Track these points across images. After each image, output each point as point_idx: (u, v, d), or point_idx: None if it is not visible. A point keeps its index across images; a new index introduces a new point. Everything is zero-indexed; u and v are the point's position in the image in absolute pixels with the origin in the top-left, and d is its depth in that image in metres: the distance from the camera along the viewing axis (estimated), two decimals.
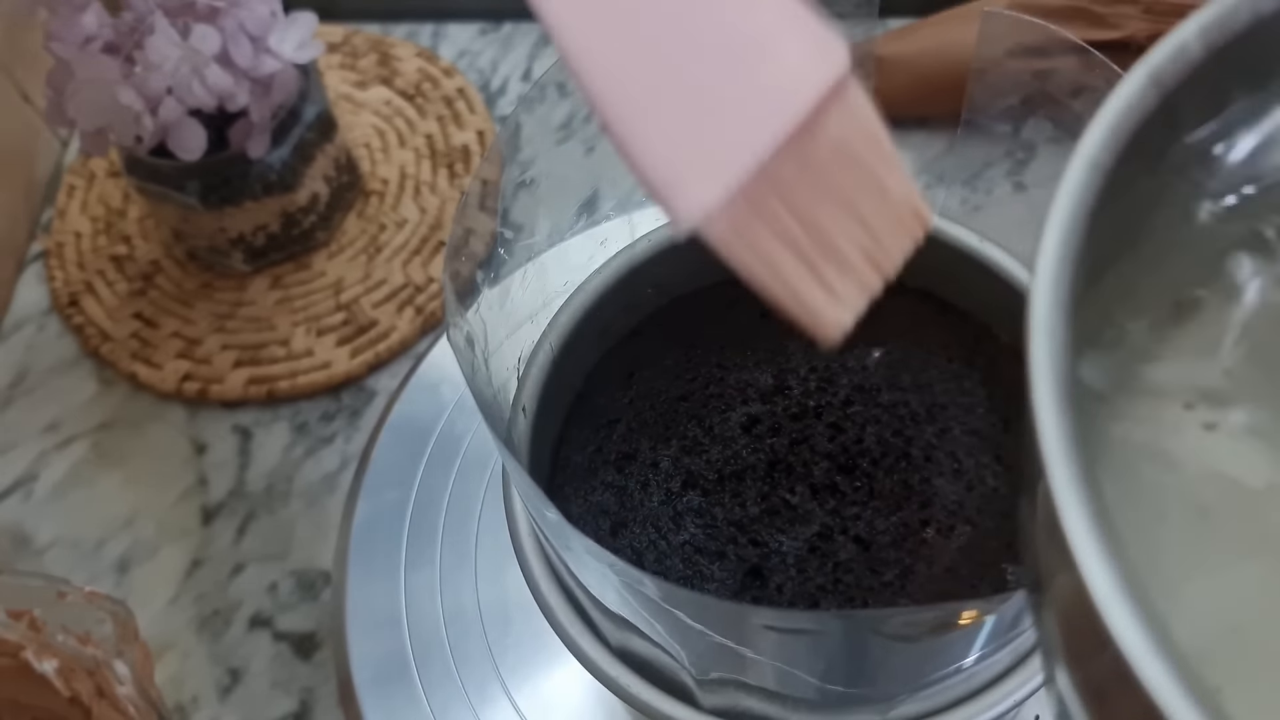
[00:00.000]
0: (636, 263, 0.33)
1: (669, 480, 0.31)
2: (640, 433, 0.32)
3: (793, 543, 0.30)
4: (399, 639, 0.39)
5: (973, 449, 0.31)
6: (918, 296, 0.34)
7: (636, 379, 0.33)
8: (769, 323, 0.34)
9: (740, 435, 0.32)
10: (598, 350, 0.34)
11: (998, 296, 0.33)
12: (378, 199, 0.55)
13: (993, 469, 0.31)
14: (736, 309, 0.35)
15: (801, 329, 0.21)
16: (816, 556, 0.30)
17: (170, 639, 0.44)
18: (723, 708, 0.27)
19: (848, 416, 0.32)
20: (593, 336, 0.33)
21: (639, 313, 0.34)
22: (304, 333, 0.51)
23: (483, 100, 0.59)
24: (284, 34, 0.46)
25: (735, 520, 0.30)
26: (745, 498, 0.31)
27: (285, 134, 0.49)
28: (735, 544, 0.30)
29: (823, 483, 0.31)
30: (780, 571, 0.29)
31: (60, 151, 0.59)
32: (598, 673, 0.28)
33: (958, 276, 0.33)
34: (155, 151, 0.46)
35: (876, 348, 0.33)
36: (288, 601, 0.45)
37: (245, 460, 0.49)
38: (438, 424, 0.43)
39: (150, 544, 0.47)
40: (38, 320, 0.53)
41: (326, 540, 0.46)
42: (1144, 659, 0.12)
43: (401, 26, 0.62)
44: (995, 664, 0.28)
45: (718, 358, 0.34)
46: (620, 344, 0.34)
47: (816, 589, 0.29)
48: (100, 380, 0.51)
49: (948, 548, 0.29)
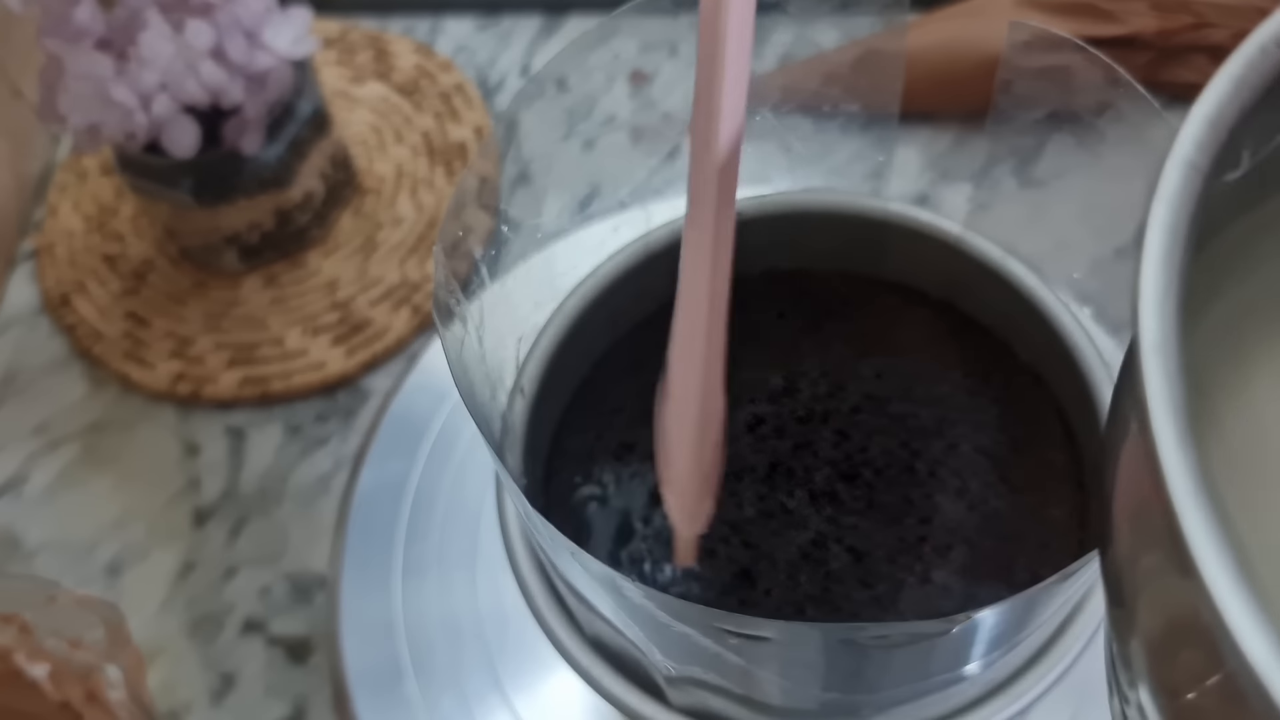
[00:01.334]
0: (652, 251, 0.32)
1: None
2: (643, 424, 0.32)
3: (786, 547, 0.29)
4: (394, 643, 0.39)
5: (979, 469, 0.31)
6: (938, 309, 0.34)
7: (643, 369, 0.33)
8: (784, 323, 0.34)
9: (744, 434, 0.31)
10: (608, 338, 0.33)
11: (1019, 314, 0.32)
12: (374, 196, 0.54)
13: (997, 490, 0.30)
14: (750, 307, 0.34)
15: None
16: (809, 564, 0.29)
17: (162, 643, 0.44)
18: (691, 707, 0.27)
19: (855, 424, 0.31)
20: (602, 323, 0.33)
21: (651, 302, 0.34)
22: (298, 332, 0.50)
23: (480, 95, 0.58)
24: (279, 29, 0.45)
25: (730, 519, 0.30)
26: (742, 498, 0.30)
27: (280, 130, 0.48)
28: (727, 543, 0.29)
29: (822, 489, 0.30)
30: (769, 575, 0.29)
31: (52, 148, 0.59)
32: (573, 662, 0.28)
33: (979, 290, 0.33)
34: (148, 148, 0.45)
35: (892, 357, 0.33)
36: (281, 605, 0.44)
37: (238, 462, 0.48)
38: (434, 425, 0.43)
39: (141, 547, 0.46)
40: (28, 319, 0.53)
41: (320, 543, 0.46)
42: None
43: (398, 21, 0.62)
44: (977, 682, 0.27)
45: (729, 352, 0.33)
46: (630, 333, 0.34)
47: (805, 597, 0.28)
48: (91, 380, 0.51)
49: (943, 566, 0.29)
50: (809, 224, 0.33)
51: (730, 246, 0.24)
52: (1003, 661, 0.27)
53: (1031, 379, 0.32)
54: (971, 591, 0.29)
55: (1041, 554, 0.30)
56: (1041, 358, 0.32)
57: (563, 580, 0.27)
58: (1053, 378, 0.32)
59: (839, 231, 0.33)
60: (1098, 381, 0.30)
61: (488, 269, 0.29)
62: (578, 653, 0.28)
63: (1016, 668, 0.28)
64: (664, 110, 0.34)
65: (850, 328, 0.34)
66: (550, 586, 0.29)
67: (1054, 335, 0.31)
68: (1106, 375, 0.30)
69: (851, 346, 0.33)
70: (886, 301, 0.34)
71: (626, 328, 0.34)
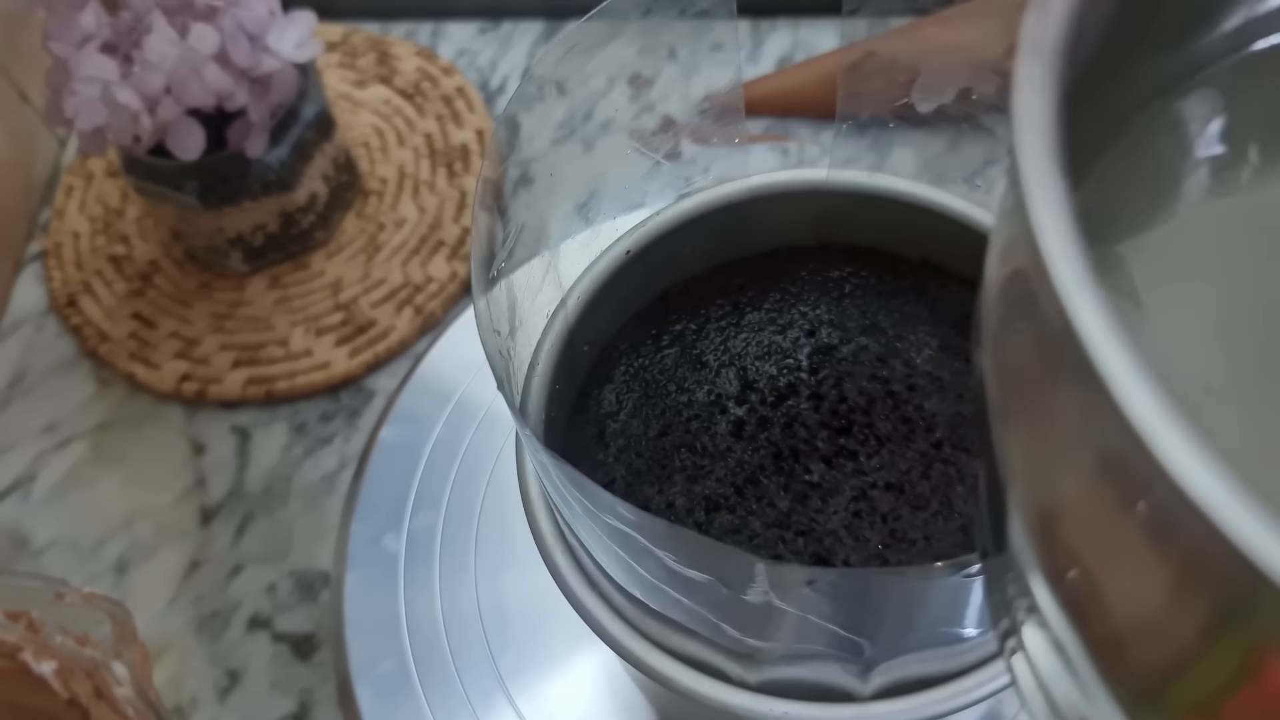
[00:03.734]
0: (570, 325, 0.33)
1: (691, 514, 0.31)
2: (640, 483, 0.32)
3: (836, 516, 0.30)
4: (398, 640, 0.39)
5: (942, 362, 0.32)
6: (820, 252, 0.35)
7: (609, 436, 0.33)
8: (705, 334, 0.34)
9: (735, 443, 0.32)
10: (562, 423, 0.33)
11: (895, 221, 0.33)
12: (376, 198, 0.55)
13: (969, 370, 0.31)
14: (665, 335, 0.34)
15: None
16: (863, 519, 0.29)
17: (169, 640, 0.44)
18: (771, 681, 0.27)
19: (820, 383, 0.32)
20: (560, 409, 0.33)
21: (581, 373, 0.34)
22: (303, 333, 0.51)
23: (482, 99, 0.58)
24: (282, 33, 0.46)
25: (773, 521, 0.30)
26: (771, 497, 0.30)
27: (284, 133, 0.48)
28: (784, 543, 0.29)
29: (831, 451, 0.31)
30: (839, 547, 0.29)
31: (58, 151, 0.59)
32: (646, 669, 0.28)
33: (850, 219, 0.34)
34: (153, 151, 0.46)
35: (813, 311, 0.34)
36: (286, 602, 0.45)
37: (244, 461, 0.48)
38: (437, 424, 0.43)
39: (149, 545, 0.47)
40: (36, 320, 0.53)
41: (325, 541, 0.46)
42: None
43: (400, 25, 0.62)
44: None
45: (675, 384, 0.33)
46: (575, 410, 0.34)
47: (879, 547, 0.29)
48: (98, 380, 0.51)
49: (969, 457, 0.30)
50: (687, 233, 0.34)
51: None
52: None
53: (933, 269, 0.33)
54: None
55: None
56: (932, 248, 0.33)
57: (623, 593, 0.27)
58: (950, 259, 0.33)
59: (713, 226, 0.34)
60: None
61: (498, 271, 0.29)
62: (649, 656, 0.28)
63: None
64: (663, 113, 0.34)
65: (761, 306, 0.34)
66: (592, 585, 0.29)
67: (941, 219, 0.32)
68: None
69: (773, 321, 0.34)
70: (776, 268, 0.35)
71: (578, 386, 0.34)
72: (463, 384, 0.44)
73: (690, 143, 0.34)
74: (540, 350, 0.32)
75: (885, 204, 0.33)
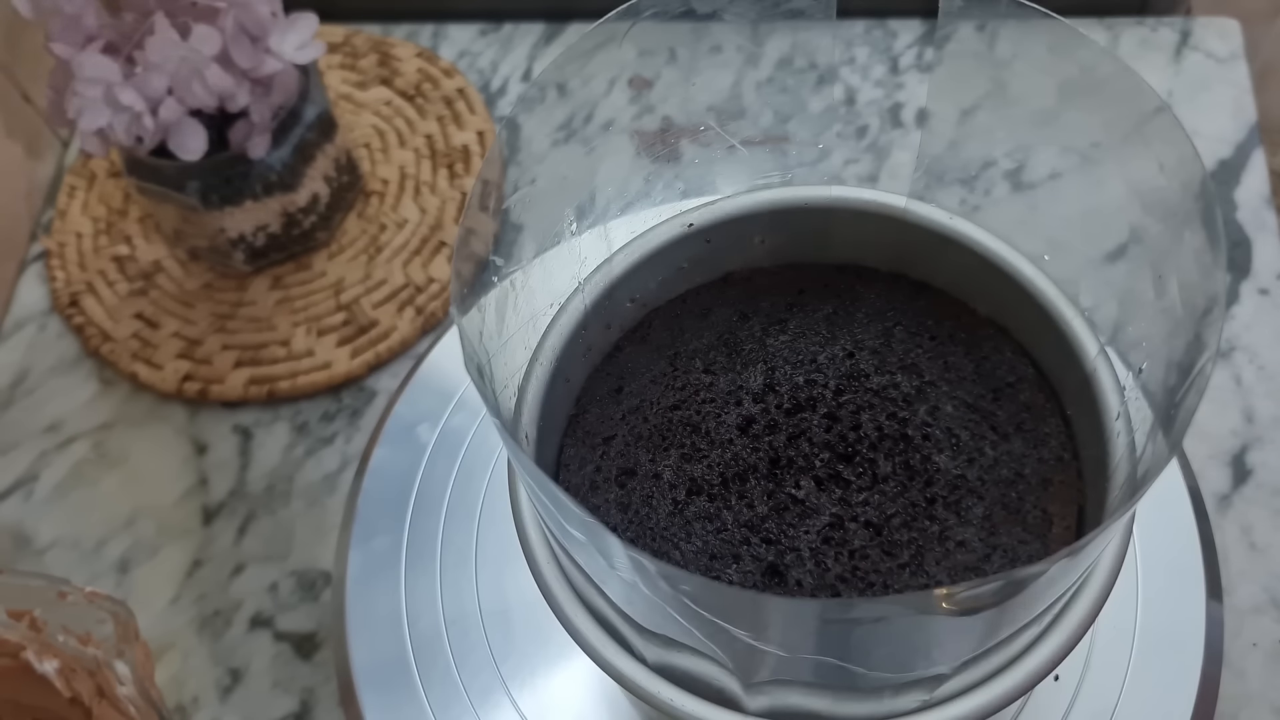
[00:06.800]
0: (614, 278, 0.33)
1: (673, 490, 0.31)
2: (637, 446, 0.32)
3: (806, 536, 0.30)
4: (399, 639, 0.39)
5: (966, 422, 0.32)
6: (890, 280, 0.35)
7: (625, 394, 0.33)
8: (749, 324, 0.34)
9: (738, 437, 0.32)
10: (584, 369, 0.34)
11: (971, 271, 0.33)
12: (378, 199, 0.55)
13: (990, 439, 0.31)
14: (713, 315, 0.35)
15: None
16: (831, 547, 0.30)
17: (171, 639, 0.44)
18: (769, 709, 0.27)
19: (840, 405, 0.32)
20: (578, 355, 0.33)
21: (619, 329, 0.34)
22: (304, 333, 0.51)
23: (483, 100, 0.59)
24: (284, 34, 0.46)
25: (745, 521, 0.30)
26: (752, 498, 0.31)
27: (286, 134, 0.49)
28: (749, 545, 0.30)
29: (826, 474, 0.31)
30: (797, 566, 0.29)
31: (61, 152, 0.59)
32: (639, 691, 0.28)
33: (928, 256, 0.34)
34: (156, 152, 0.46)
35: (859, 334, 0.34)
36: (288, 601, 0.45)
37: (246, 460, 0.49)
38: (438, 424, 0.44)
39: (151, 544, 0.47)
40: (39, 320, 0.53)
41: (327, 540, 0.46)
42: None
43: (402, 27, 0.62)
44: (1034, 630, 0.28)
45: (703, 363, 0.34)
46: (605, 360, 0.34)
47: (836, 579, 0.29)
48: (101, 380, 0.51)
49: (958, 522, 0.30)
50: (759, 223, 0.34)
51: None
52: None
53: (994, 330, 0.33)
54: (991, 540, 0.29)
55: (1045, 491, 0.30)
56: (1000, 308, 0.33)
57: (618, 613, 0.27)
58: (1014, 324, 0.33)
59: (788, 225, 0.34)
60: (1062, 318, 0.31)
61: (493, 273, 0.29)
62: (641, 678, 0.28)
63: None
64: (662, 114, 0.34)
65: (812, 315, 0.34)
66: (584, 605, 0.29)
67: (1011, 283, 0.32)
68: (1073, 312, 0.31)
69: (817, 333, 0.34)
70: (841, 284, 0.35)
71: (600, 356, 0.34)
72: (463, 384, 0.44)
73: (690, 144, 0.34)
74: (564, 310, 0.32)
75: (963, 251, 0.33)
